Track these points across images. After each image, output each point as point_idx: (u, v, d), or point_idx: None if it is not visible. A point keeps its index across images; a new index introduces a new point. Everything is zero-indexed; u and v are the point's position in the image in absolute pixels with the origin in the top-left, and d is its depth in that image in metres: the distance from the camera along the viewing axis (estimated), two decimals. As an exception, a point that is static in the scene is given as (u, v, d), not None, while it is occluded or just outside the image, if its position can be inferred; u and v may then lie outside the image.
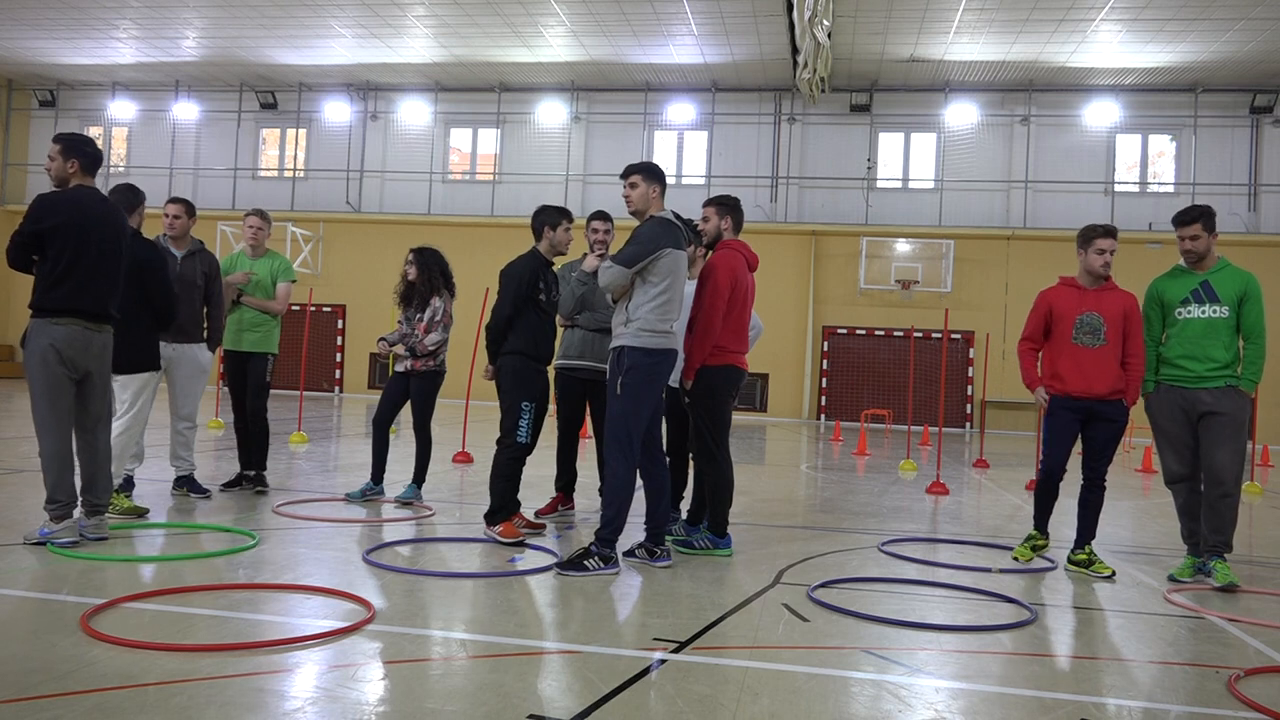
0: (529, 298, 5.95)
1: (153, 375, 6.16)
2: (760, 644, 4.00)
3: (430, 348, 7.12)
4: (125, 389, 6.09)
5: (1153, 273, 6.11)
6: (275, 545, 5.50)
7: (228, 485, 7.28)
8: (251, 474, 7.31)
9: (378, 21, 20.17)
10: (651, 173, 5.41)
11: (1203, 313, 5.61)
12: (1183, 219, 5.70)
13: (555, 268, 6.24)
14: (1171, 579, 5.63)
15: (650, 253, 5.19)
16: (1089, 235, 5.79)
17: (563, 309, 6.38)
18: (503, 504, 5.87)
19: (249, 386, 7.25)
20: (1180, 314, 5.69)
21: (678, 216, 5.43)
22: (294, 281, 7.47)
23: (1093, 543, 5.85)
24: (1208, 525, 5.56)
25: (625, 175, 5.44)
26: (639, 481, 5.46)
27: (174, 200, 6.83)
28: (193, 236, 6.93)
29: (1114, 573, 5.67)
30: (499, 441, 5.91)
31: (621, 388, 5.22)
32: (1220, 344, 5.56)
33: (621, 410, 5.23)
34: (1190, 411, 5.62)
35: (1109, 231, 5.77)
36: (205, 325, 6.96)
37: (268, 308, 7.25)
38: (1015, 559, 6.05)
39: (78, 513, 5.18)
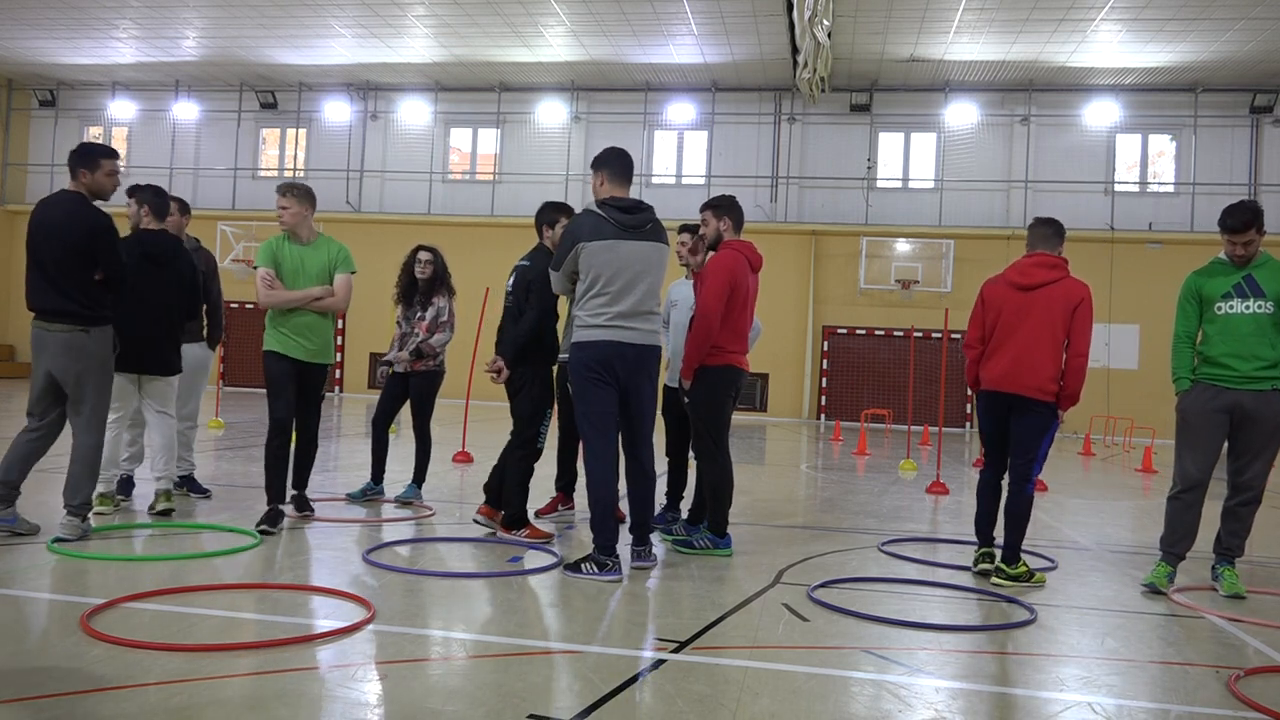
0: (554, 302, 5.96)
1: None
2: (760, 644, 4.00)
3: (438, 349, 7.13)
4: (169, 392, 6.26)
5: (1152, 273, 6.06)
6: (275, 545, 5.50)
7: (268, 525, 5.80)
8: (295, 494, 6.25)
9: (378, 21, 20.16)
10: (599, 161, 5.28)
11: (1246, 308, 5.25)
12: (1235, 227, 5.24)
13: None
14: (1150, 587, 5.36)
15: (565, 251, 5.15)
16: (1064, 234, 5.62)
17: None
18: (524, 509, 5.89)
19: (307, 404, 6.12)
20: (1220, 309, 5.31)
21: (607, 204, 5.14)
22: (354, 273, 6.25)
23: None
24: (1226, 529, 5.41)
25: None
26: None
27: (170, 199, 6.81)
28: (189, 234, 6.93)
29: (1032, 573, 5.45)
30: (516, 447, 5.90)
31: (570, 386, 5.27)
32: (1267, 342, 5.20)
33: (577, 410, 5.23)
34: (1229, 413, 5.29)
35: None
36: (204, 324, 6.96)
37: (328, 307, 6.08)
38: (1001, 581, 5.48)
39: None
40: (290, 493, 6.21)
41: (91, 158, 5.37)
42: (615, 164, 5.26)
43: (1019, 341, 5.36)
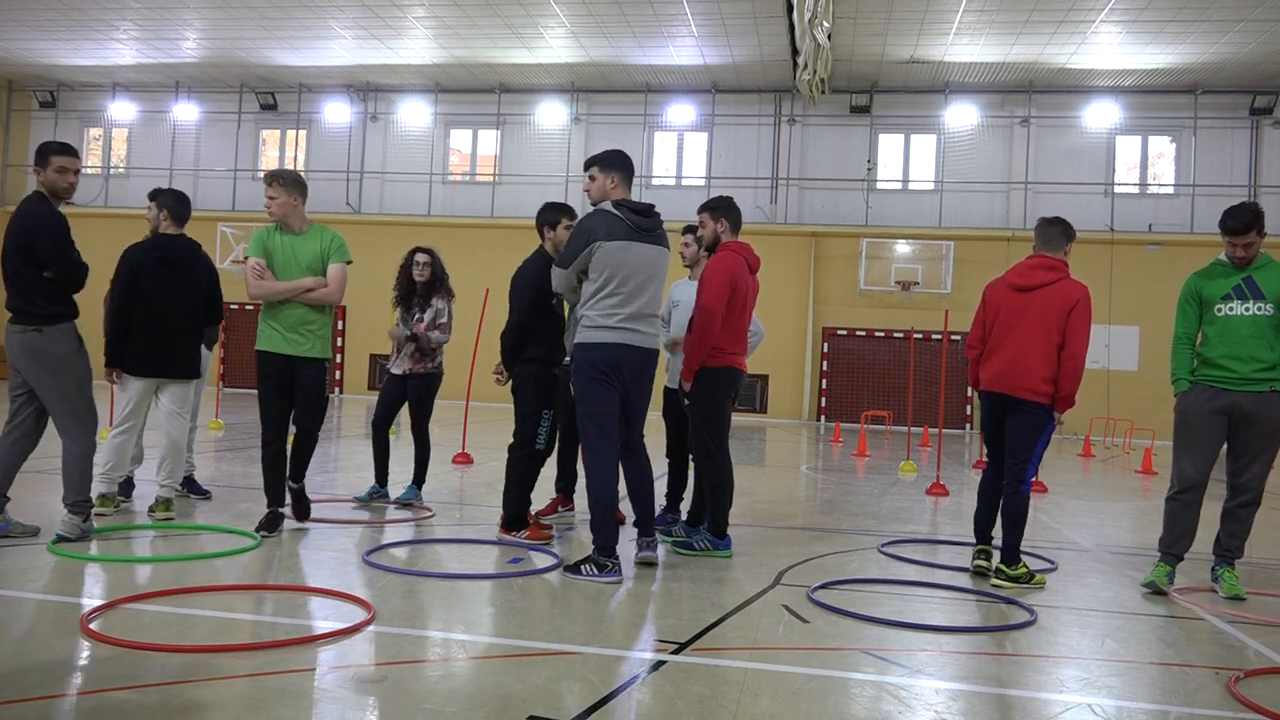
0: (543, 304, 5.97)
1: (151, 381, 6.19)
2: (760, 645, 4.00)
3: (434, 343, 7.08)
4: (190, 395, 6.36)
5: (1152, 274, 6.04)
6: (276, 546, 5.50)
7: (267, 530, 5.70)
8: (293, 487, 5.94)
9: (378, 23, 20.17)
10: (608, 162, 5.28)
11: (1246, 310, 5.25)
12: (1235, 228, 5.24)
13: None
14: (1151, 586, 5.36)
15: (578, 249, 5.12)
16: (1072, 234, 5.56)
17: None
18: (522, 510, 5.92)
19: (300, 401, 5.80)
20: (1220, 311, 5.32)
21: (623, 205, 5.18)
22: (349, 263, 5.90)
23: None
24: (1225, 531, 5.42)
25: (585, 168, 5.36)
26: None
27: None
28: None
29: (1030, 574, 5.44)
30: (515, 448, 5.95)
31: (573, 386, 5.24)
32: (1266, 344, 5.20)
33: (579, 410, 5.21)
34: (1227, 413, 5.29)
35: None
36: None
37: (321, 299, 5.73)
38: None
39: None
40: (290, 486, 5.96)
41: (43, 155, 5.32)
42: (625, 166, 5.32)
43: (1014, 343, 5.39)
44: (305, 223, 5.85)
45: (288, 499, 6.01)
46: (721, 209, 5.92)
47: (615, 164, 5.28)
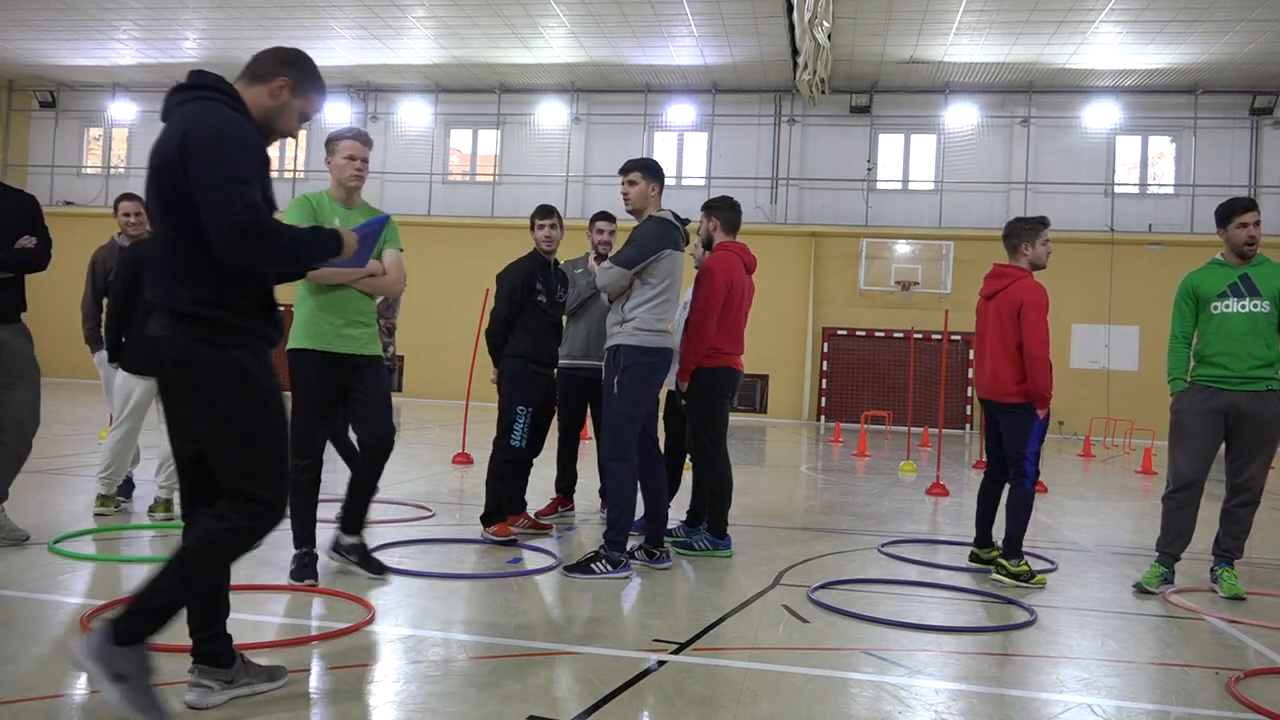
0: (525, 299, 5.99)
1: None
2: (760, 645, 4.00)
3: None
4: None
5: (1152, 274, 6.05)
6: (276, 546, 5.48)
7: (298, 579, 4.58)
8: (353, 542, 4.88)
9: (378, 23, 20.18)
10: (651, 170, 5.35)
11: (1242, 307, 5.27)
12: (1247, 204, 5.34)
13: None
14: (1139, 587, 5.38)
15: (650, 254, 5.16)
16: (1027, 231, 5.63)
17: (569, 307, 6.48)
18: (497, 506, 5.94)
19: (368, 409, 4.72)
20: (1217, 308, 5.34)
21: (676, 216, 5.39)
22: (402, 251, 4.93)
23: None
24: (1225, 531, 5.42)
25: (624, 172, 5.35)
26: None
27: (128, 197, 6.46)
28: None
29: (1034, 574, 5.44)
30: (495, 443, 5.96)
31: (618, 387, 5.20)
32: (1262, 341, 5.22)
33: (618, 410, 5.21)
34: (1224, 414, 5.30)
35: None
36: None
37: (385, 288, 4.80)
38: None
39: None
40: (345, 540, 4.88)
41: None
42: (663, 177, 5.44)
43: (987, 350, 5.63)
44: (361, 198, 4.90)
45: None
46: (716, 208, 5.97)
47: (657, 173, 5.39)
